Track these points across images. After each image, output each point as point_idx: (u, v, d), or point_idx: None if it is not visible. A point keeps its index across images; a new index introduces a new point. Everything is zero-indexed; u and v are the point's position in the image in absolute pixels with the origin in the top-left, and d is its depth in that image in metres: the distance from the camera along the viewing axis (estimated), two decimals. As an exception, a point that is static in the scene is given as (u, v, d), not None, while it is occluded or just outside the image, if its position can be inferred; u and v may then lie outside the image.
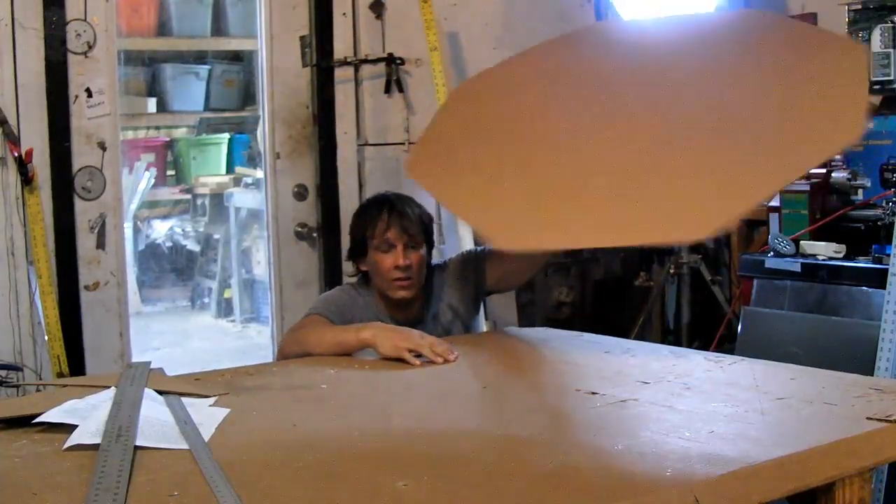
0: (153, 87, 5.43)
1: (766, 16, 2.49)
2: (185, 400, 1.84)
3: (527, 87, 2.51)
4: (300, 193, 3.63)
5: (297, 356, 2.34)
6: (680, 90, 2.21)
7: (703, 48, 2.28)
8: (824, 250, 2.97)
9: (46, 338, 3.05)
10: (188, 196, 5.96)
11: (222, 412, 1.79)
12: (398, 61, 3.66)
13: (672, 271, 3.78)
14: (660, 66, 2.29)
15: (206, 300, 5.89)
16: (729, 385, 1.96)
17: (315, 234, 3.64)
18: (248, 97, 5.52)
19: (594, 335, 2.55)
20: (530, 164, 2.29)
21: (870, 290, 2.82)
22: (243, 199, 5.44)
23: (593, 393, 1.92)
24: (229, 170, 5.76)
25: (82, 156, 3.19)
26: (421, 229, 2.51)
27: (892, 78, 3.11)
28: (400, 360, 2.18)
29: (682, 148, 2.10)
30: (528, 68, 2.57)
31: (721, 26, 2.38)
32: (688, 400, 1.86)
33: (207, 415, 1.77)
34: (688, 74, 2.23)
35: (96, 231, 3.22)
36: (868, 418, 1.68)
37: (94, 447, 1.54)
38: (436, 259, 2.66)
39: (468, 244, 3.33)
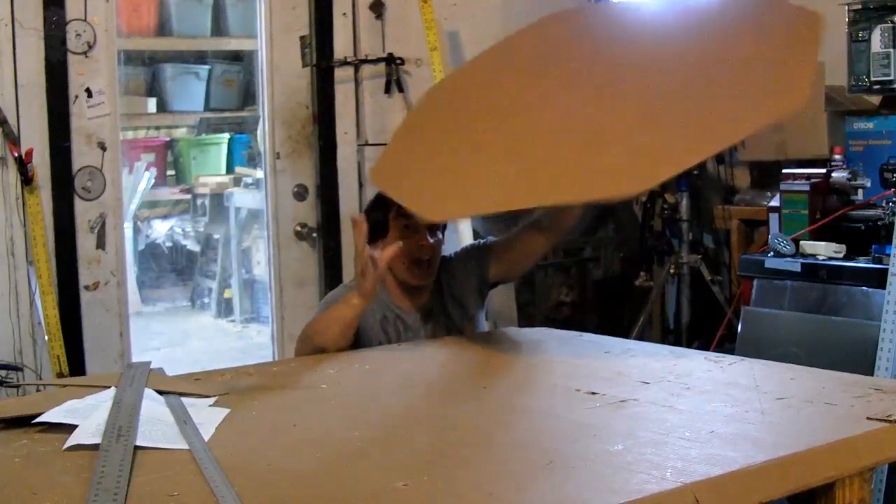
0: (153, 87, 5.43)
1: None
2: (185, 400, 1.84)
3: (502, 71, 2.52)
4: (300, 193, 3.63)
5: (314, 353, 2.35)
6: (650, 68, 2.24)
7: (685, 29, 2.30)
8: (824, 250, 2.97)
9: (46, 338, 3.06)
10: (188, 196, 5.96)
11: (222, 412, 1.79)
12: (398, 61, 3.66)
13: (672, 271, 3.78)
14: (637, 48, 2.32)
15: (206, 300, 5.89)
16: (729, 385, 1.96)
17: (315, 234, 3.64)
18: (248, 97, 5.52)
19: (594, 335, 2.55)
20: (479, 138, 2.34)
21: (870, 290, 2.82)
22: (243, 199, 5.44)
23: (593, 393, 1.92)
24: (229, 170, 5.76)
25: (82, 156, 3.19)
26: None
27: (892, 78, 3.11)
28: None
29: (632, 116, 2.16)
30: (504, 55, 2.59)
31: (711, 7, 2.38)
32: (688, 400, 1.86)
33: (207, 415, 1.77)
34: (663, 54, 2.26)
35: (96, 231, 3.22)
36: (868, 418, 1.68)
37: (94, 447, 1.54)
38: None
39: (467, 239, 3.33)
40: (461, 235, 3.32)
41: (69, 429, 1.64)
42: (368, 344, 2.48)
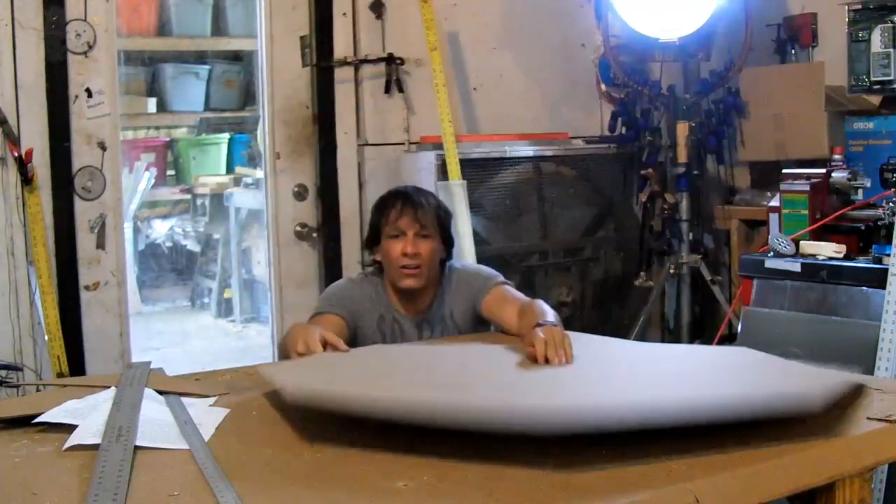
0: (153, 87, 5.43)
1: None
2: (185, 400, 1.84)
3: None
4: (300, 193, 3.63)
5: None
6: None
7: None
8: (824, 250, 2.97)
9: (46, 338, 3.05)
10: (188, 196, 5.96)
11: (222, 412, 1.80)
12: (398, 61, 3.66)
13: (672, 271, 3.78)
14: None
15: (206, 300, 5.89)
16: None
17: (315, 234, 3.64)
18: (248, 97, 5.52)
19: (594, 335, 2.54)
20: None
21: (870, 290, 2.82)
22: (243, 199, 5.44)
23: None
24: (229, 170, 5.77)
25: (82, 156, 3.19)
26: (434, 221, 2.53)
27: (892, 78, 3.11)
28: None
29: None
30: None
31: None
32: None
33: (207, 415, 1.77)
34: None
35: (96, 231, 3.22)
36: (868, 418, 1.68)
37: (94, 447, 1.54)
38: (456, 261, 2.68)
39: (468, 244, 3.33)
40: (462, 238, 3.31)
41: (69, 429, 1.64)
42: (364, 343, 2.49)
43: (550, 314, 2.33)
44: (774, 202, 3.20)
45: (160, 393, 1.86)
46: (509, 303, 2.48)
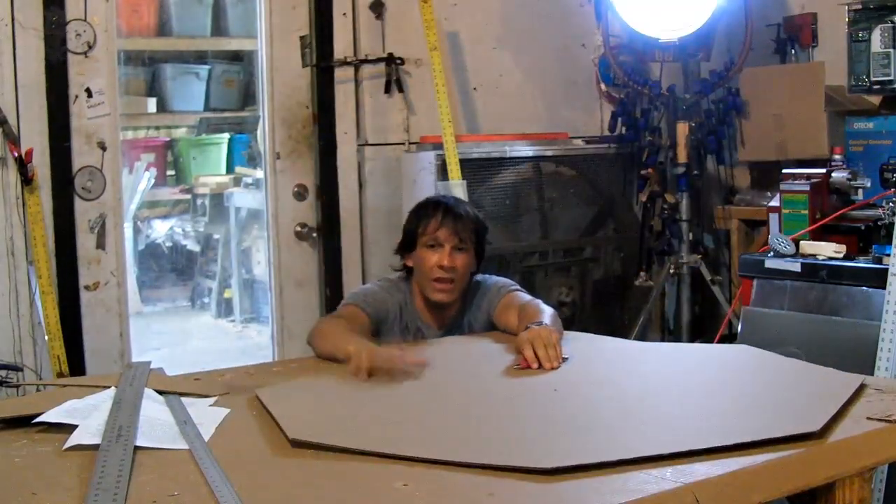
0: (153, 87, 5.43)
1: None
2: (185, 400, 1.85)
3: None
4: (300, 193, 3.63)
5: (316, 347, 2.34)
6: None
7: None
8: (824, 250, 2.97)
9: (46, 338, 3.05)
10: (188, 196, 5.96)
11: (222, 412, 1.80)
12: (398, 61, 3.66)
13: (672, 271, 3.78)
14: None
15: (206, 300, 5.89)
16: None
17: (315, 234, 3.64)
18: (248, 97, 5.52)
19: (594, 335, 2.55)
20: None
21: (870, 290, 2.81)
22: (243, 199, 5.44)
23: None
24: (229, 170, 5.76)
25: (82, 156, 3.19)
26: (472, 235, 2.54)
27: (892, 78, 3.11)
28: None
29: None
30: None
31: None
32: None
33: (207, 415, 1.77)
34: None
35: (96, 231, 3.22)
36: (868, 418, 1.68)
37: (94, 447, 1.54)
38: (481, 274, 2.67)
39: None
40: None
41: (69, 429, 1.64)
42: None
43: (546, 315, 2.34)
44: (774, 202, 3.20)
45: (160, 393, 1.86)
46: (514, 308, 2.50)
